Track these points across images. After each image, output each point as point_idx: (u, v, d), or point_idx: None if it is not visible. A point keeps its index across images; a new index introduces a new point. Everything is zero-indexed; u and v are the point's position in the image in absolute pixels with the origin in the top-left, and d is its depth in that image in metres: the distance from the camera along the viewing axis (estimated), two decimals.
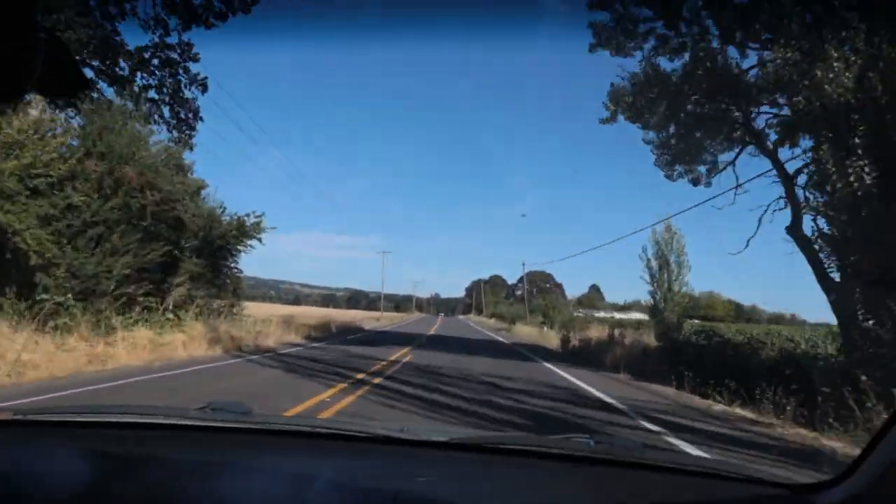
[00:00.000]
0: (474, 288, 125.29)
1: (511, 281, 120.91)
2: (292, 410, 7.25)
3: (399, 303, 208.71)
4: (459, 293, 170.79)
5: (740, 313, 65.96)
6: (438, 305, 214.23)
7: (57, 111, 12.87)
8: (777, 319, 56.63)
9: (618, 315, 55.83)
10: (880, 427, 1.14)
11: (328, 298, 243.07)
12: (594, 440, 1.79)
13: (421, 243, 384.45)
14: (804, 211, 12.79)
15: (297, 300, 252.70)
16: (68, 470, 1.38)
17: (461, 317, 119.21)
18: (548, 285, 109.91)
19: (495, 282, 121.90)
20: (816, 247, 11.69)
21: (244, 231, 19.81)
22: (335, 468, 1.46)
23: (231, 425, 1.75)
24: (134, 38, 14.78)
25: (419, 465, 1.55)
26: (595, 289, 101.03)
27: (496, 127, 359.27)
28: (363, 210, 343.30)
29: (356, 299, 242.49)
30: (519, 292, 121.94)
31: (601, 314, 54.28)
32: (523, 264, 51.72)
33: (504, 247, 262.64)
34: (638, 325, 32.65)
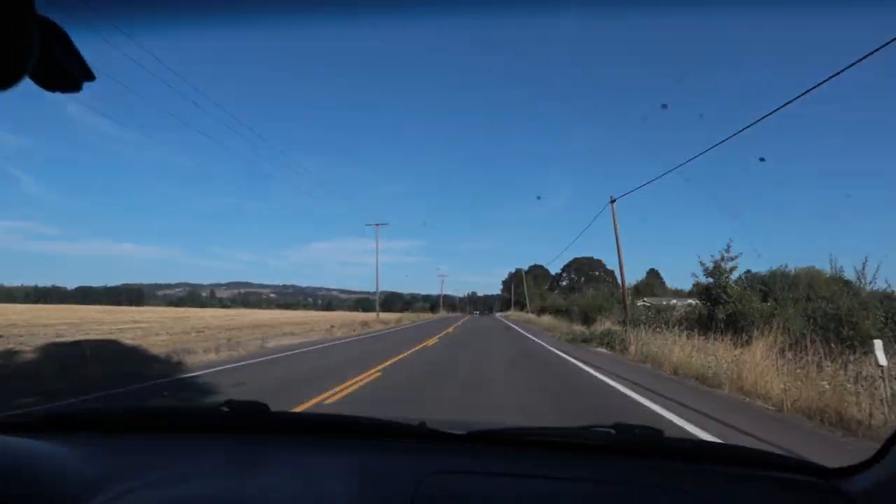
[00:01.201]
0: (513, 279, 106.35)
1: (555, 270, 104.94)
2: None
3: (434, 303, 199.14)
4: (497, 290, 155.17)
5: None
6: (475, 303, 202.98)
7: None
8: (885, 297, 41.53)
9: (684, 302, 40.79)
10: None
11: (361, 302, 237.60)
12: (616, 429, 1.58)
13: (456, 244, 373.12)
14: None
15: (329, 305, 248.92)
16: (86, 472, 1.32)
17: (498, 315, 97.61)
18: (597, 273, 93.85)
19: (536, 272, 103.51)
20: None
21: None
22: (353, 463, 1.46)
23: (248, 423, 1.71)
24: None
25: (438, 458, 1.52)
26: (654, 274, 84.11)
27: (528, 120, 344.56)
28: (397, 214, 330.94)
29: (391, 301, 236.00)
30: (565, 282, 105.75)
31: (674, 302, 41.79)
32: (613, 200, 22.33)
33: (541, 244, 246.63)
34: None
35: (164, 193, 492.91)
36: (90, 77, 0.85)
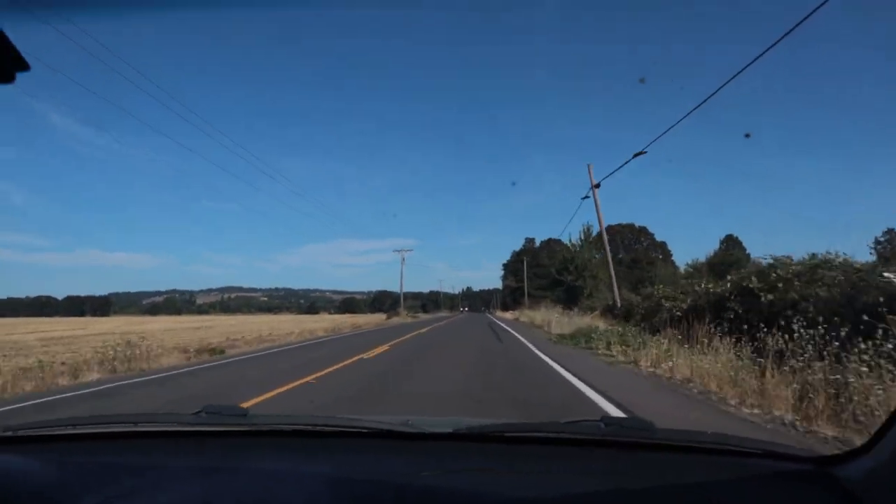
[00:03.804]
0: (523, 256, 68.71)
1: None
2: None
3: (425, 301, 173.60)
4: (496, 283, 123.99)
5: None
6: (470, 299, 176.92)
7: None
8: None
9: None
10: None
11: (348, 302, 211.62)
12: (604, 422, 1.52)
13: (448, 240, 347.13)
14: None
15: (312, 307, 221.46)
16: (62, 485, 1.27)
17: (501, 319, 45.66)
18: (643, 244, 64.89)
19: (550, 249, 72.06)
20: None
21: None
22: (335, 466, 1.36)
23: (228, 428, 1.61)
24: None
25: (424, 458, 1.41)
26: (732, 242, 55.20)
27: (514, 110, 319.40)
28: (387, 214, 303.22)
29: (380, 300, 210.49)
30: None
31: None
32: None
33: (546, 222, 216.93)
34: None
35: (155, 202, 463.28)
36: (24, 67, 0.77)
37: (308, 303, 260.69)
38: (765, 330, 7.37)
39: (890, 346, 5.21)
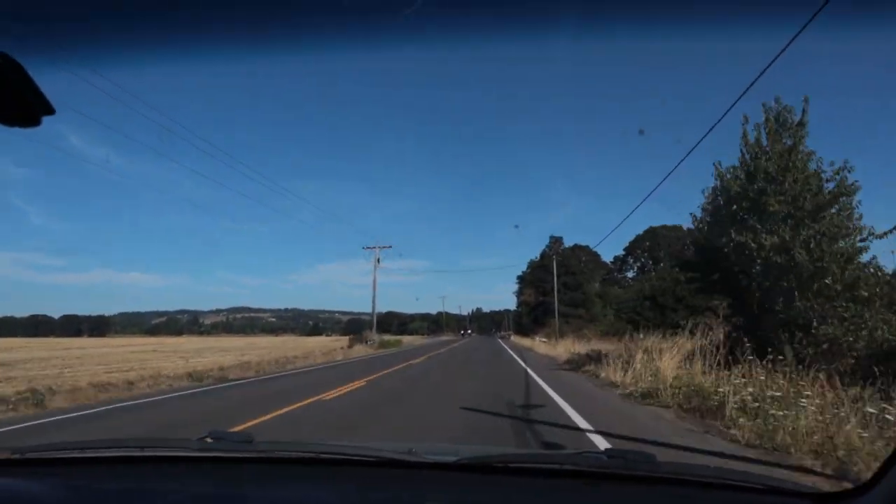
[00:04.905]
0: (550, 254, 52.48)
1: (611, 255, 59.24)
2: None
3: (432, 322, 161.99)
4: (510, 304, 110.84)
5: None
6: (480, 320, 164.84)
7: None
8: None
9: None
10: None
11: (353, 323, 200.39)
12: (607, 454, 1.55)
13: (459, 262, 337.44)
14: None
15: (315, 329, 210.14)
16: None
17: (523, 352, 31.89)
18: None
19: (577, 255, 57.41)
20: None
21: None
22: (338, 495, 1.38)
23: (233, 455, 1.61)
24: None
25: (427, 488, 1.43)
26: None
27: (526, 135, 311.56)
28: (400, 234, 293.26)
29: (387, 321, 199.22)
30: (632, 272, 57.95)
31: None
32: None
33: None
34: None
35: (169, 222, 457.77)
36: (50, 111, 0.77)
37: (317, 324, 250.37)
38: None
39: None
